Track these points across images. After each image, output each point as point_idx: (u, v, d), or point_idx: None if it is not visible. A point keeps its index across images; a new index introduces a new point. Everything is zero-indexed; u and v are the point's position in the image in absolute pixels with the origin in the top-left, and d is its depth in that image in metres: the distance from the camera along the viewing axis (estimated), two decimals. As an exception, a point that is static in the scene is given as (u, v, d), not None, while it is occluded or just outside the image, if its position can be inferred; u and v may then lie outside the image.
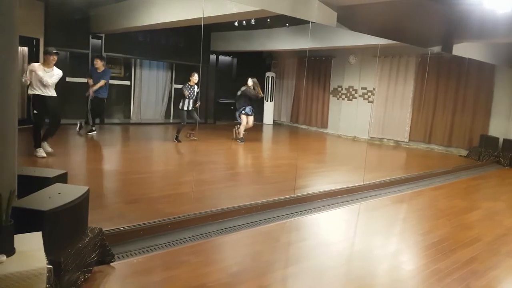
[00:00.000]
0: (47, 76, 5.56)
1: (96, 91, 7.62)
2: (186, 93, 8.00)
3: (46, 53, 5.66)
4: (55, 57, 5.63)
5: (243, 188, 5.23)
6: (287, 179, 5.56)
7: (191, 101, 8.12)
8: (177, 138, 8.03)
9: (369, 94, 10.73)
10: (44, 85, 5.57)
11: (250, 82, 8.69)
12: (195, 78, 8.15)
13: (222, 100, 11.95)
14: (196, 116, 8.29)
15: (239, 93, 8.73)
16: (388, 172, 6.72)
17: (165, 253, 3.17)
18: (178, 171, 6.05)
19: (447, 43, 7.89)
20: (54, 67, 5.66)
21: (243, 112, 8.68)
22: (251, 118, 8.73)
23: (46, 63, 5.60)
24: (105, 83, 7.70)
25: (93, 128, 7.87)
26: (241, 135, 8.60)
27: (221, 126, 10.58)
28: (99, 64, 7.75)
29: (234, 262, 3.13)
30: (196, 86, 8.18)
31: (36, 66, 5.57)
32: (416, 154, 9.34)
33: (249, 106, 8.71)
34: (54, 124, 5.84)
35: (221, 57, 12.89)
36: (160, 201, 4.34)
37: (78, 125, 7.83)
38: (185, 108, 8.07)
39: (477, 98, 9.14)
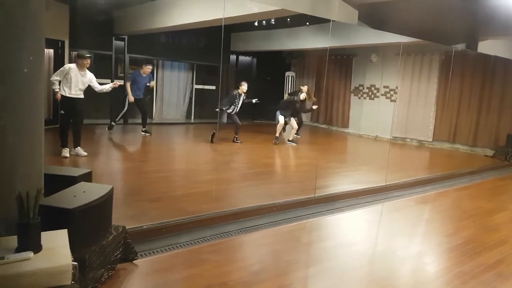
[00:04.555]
0: (81, 79, 5.76)
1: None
2: (235, 101, 8.16)
3: (79, 57, 5.83)
4: (88, 61, 5.78)
5: (264, 187, 5.23)
6: (307, 178, 5.54)
7: (237, 107, 8.22)
8: (212, 138, 8.09)
9: (392, 92, 10.57)
10: (78, 88, 5.74)
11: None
12: (244, 87, 8.22)
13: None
14: (237, 119, 8.32)
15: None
16: (412, 172, 6.61)
17: (186, 251, 3.20)
18: (200, 170, 6.10)
19: (472, 41, 7.69)
20: (87, 70, 5.83)
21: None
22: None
23: (80, 66, 5.75)
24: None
25: (113, 124, 8.17)
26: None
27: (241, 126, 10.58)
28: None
29: (254, 261, 3.14)
30: (243, 95, 8.25)
31: (72, 67, 5.72)
32: (440, 154, 9.15)
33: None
34: (76, 125, 5.96)
35: (241, 57, 12.94)
36: (182, 199, 4.39)
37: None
38: (229, 111, 8.18)
39: (503, 96, 8.88)
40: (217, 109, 8.42)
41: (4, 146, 2.26)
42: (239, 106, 8.26)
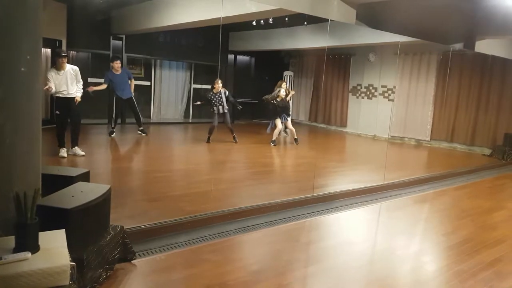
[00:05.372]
0: (61, 78, 5.68)
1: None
2: (213, 102, 8.04)
3: (55, 55, 5.79)
4: (64, 60, 5.68)
5: (262, 187, 5.23)
6: (306, 178, 5.54)
7: (222, 106, 8.08)
8: (208, 139, 8.03)
9: (390, 92, 10.58)
10: (66, 86, 5.70)
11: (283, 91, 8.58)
12: (218, 85, 8.09)
13: (240, 100, 11.98)
14: (228, 119, 8.23)
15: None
16: (410, 171, 6.62)
17: (185, 251, 3.20)
18: (199, 169, 6.09)
19: (469, 40, 7.70)
20: (67, 66, 5.73)
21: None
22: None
23: (58, 66, 5.70)
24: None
25: (113, 130, 8.02)
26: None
27: (239, 125, 10.60)
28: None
29: (254, 261, 3.13)
30: (221, 91, 8.12)
31: (51, 72, 5.67)
32: (438, 153, 9.17)
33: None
34: (74, 124, 5.94)
35: (239, 57, 12.92)
36: (181, 199, 4.38)
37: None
38: (216, 112, 8.09)
39: (501, 95, 8.91)
40: (196, 103, 8.33)
41: (2, 146, 2.24)
42: (225, 104, 8.12)
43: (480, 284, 2.94)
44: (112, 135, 7.91)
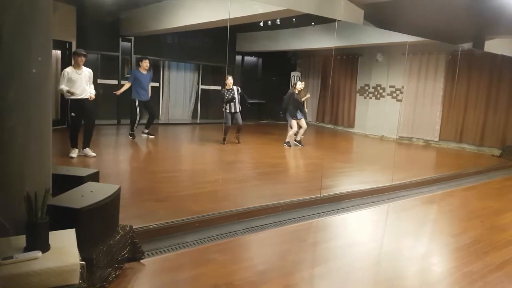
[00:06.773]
0: (79, 78, 5.70)
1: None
2: (226, 97, 8.03)
3: (74, 54, 5.79)
4: (83, 58, 5.71)
5: (269, 187, 5.24)
6: (313, 178, 5.54)
7: (234, 103, 8.09)
8: (224, 140, 8.05)
9: (398, 92, 10.53)
10: (82, 87, 5.72)
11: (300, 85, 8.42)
12: (229, 81, 8.11)
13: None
14: (239, 119, 8.20)
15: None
16: (418, 172, 6.58)
17: (193, 250, 3.22)
18: (207, 170, 6.12)
19: (479, 40, 7.65)
20: (84, 68, 5.77)
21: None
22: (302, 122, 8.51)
23: (76, 65, 5.72)
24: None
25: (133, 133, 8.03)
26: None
27: (246, 126, 10.59)
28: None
29: (260, 261, 3.14)
30: (235, 88, 8.14)
31: (69, 70, 5.68)
32: (447, 154, 9.10)
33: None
34: (88, 126, 5.98)
35: (247, 58, 12.97)
36: (188, 199, 4.40)
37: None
38: (228, 110, 8.08)
39: (510, 95, 8.82)
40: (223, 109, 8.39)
41: (13, 147, 2.28)
42: (238, 102, 8.12)
43: (490, 286, 2.92)
44: (134, 138, 7.89)
